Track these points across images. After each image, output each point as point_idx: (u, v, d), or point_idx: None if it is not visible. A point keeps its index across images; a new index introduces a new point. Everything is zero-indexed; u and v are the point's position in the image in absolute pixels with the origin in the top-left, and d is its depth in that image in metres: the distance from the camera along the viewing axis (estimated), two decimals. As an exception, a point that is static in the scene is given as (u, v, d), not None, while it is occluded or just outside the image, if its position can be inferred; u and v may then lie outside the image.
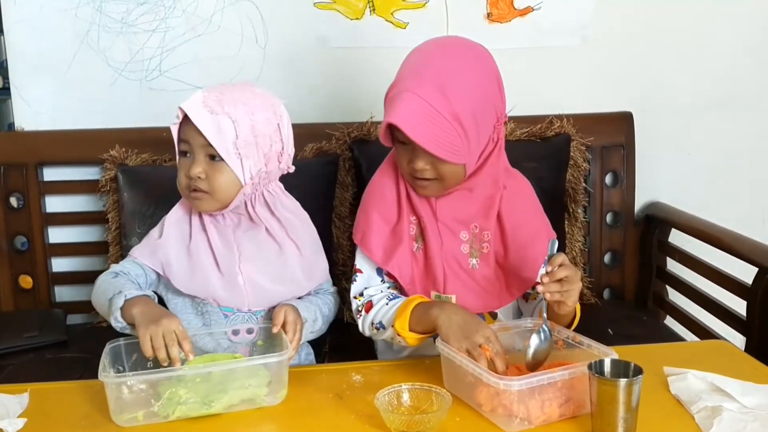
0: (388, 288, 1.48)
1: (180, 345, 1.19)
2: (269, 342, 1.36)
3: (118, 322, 1.25)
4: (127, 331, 1.26)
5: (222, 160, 1.32)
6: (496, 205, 1.43)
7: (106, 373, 1.17)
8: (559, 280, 1.25)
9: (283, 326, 1.32)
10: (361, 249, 1.47)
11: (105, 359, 1.22)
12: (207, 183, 1.34)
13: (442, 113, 1.29)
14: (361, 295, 1.48)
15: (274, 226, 1.43)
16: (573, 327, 1.37)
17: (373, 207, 1.47)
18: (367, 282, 1.49)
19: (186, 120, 1.33)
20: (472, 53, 1.37)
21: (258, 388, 1.21)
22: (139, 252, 1.42)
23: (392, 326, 1.37)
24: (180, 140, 1.37)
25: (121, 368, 1.25)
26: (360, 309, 1.47)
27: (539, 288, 1.25)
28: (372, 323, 1.43)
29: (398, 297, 1.45)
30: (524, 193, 1.50)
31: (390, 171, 1.48)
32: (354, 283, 1.49)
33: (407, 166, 1.38)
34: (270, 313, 1.41)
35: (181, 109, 1.33)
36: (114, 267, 1.42)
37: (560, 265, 1.25)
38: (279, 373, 1.23)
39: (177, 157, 1.39)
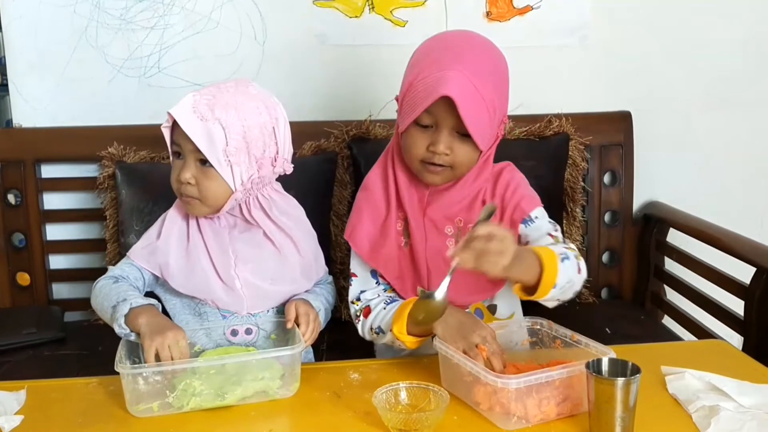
0: (384, 291, 1.48)
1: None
2: (282, 336, 1.38)
3: (122, 329, 1.25)
4: (131, 339, 1.26)
5: (212, 166, 1.31)
6: (480, 197, 1.43)
7: (123, 365, 1.18)
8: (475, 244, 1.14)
9: (296, 320, 1.34)
10: (350, 244, 1.47)
11: (121, 351, 1.23)
12: (197, 189, 1.33)
13: (482, 95, 1.30)
14: (359, 299, 1.48)
15: (271, 228, 1.42)
16: (545, 293, 1.24)
17: (362, 204, 1.48)
18: (362, 285, 1.49)
19: (177, 122, 1.31)
20: (494, 46, 1.40)
21: (271, 380, 1.23)
22: (136, 254, 1.41)
23: (390, 330, 1.37)
24: (172, 142, 1.35)
25: (136, 360, 1.26)
26: (358, 314, 1.47)
27: (448, 252, 1.17)
28: (371, 328, 1.44)
29: (395, 300, 1.45)
30: (513, 177, 1.48)
31: (381, 169, 1.48)
32: (350, 287, 1.49)
33: (424, 151, 1.36)
34: (280, 310, 1.42)
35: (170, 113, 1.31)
36: (112, 270, 1.40)
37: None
38: (291, 366, 1.24)
39: (171, 157, 1.38)
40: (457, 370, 1.20)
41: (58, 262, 2.20)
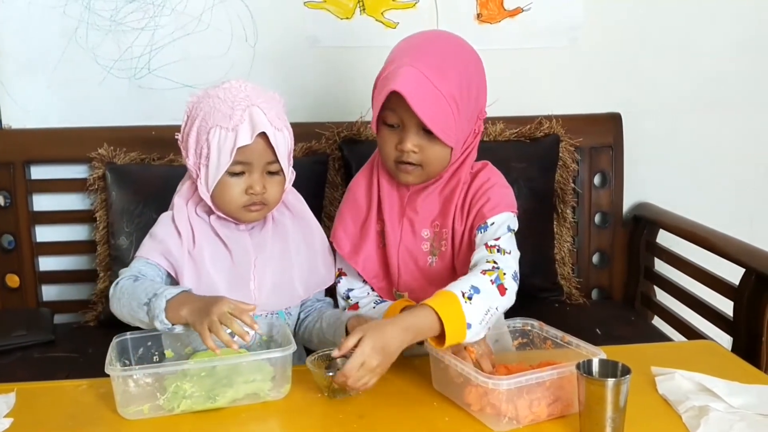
0: (372, 290, 1.49)
1: (241, 321, 1.18)
2: (272, 338, 1.38)
3: (164, 325, 1.22)
4: (176, 331, 1.24)
5: (279, 173, 1.36)
6: (457, 199, 1.42)
7: (113, 367, 1.18)
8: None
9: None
10: (333, 244, 1.49)
11: (112, 353, 1.22)
12: (264, 196, 1.35)
13: (440, 90, 1.29)
14: (348, 297, 1.50)
15: (288, 227, 1.43)
16: (459, 339, 1.21)
17: (345, 205, 1.50)
18: (351, 283, 1.50)
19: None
20: (463, 43, 1.40)
21: (262, 382, 1.22)
22: (150, 252, 1.36)
23: None
24: (236, 162, 1.31)
25: (127, 362, 1.26)
26: (346, 310, 1.48)
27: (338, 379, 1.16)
28: None
29: (384, 301, 1.46)
30: (488, 179, 1.46)
31: (366, 172, 1.49)
32: (338, 284, 1.51)
33: (393, 150, 1.37)
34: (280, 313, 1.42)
35: (248, 131, 1.29)
36: (128, 270, 1.35)
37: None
38: (283, 367, 1.24)
39: (215, 175, 1.32)
40: (448, 371, 1.21)
41: (47, 263, 2.19)
